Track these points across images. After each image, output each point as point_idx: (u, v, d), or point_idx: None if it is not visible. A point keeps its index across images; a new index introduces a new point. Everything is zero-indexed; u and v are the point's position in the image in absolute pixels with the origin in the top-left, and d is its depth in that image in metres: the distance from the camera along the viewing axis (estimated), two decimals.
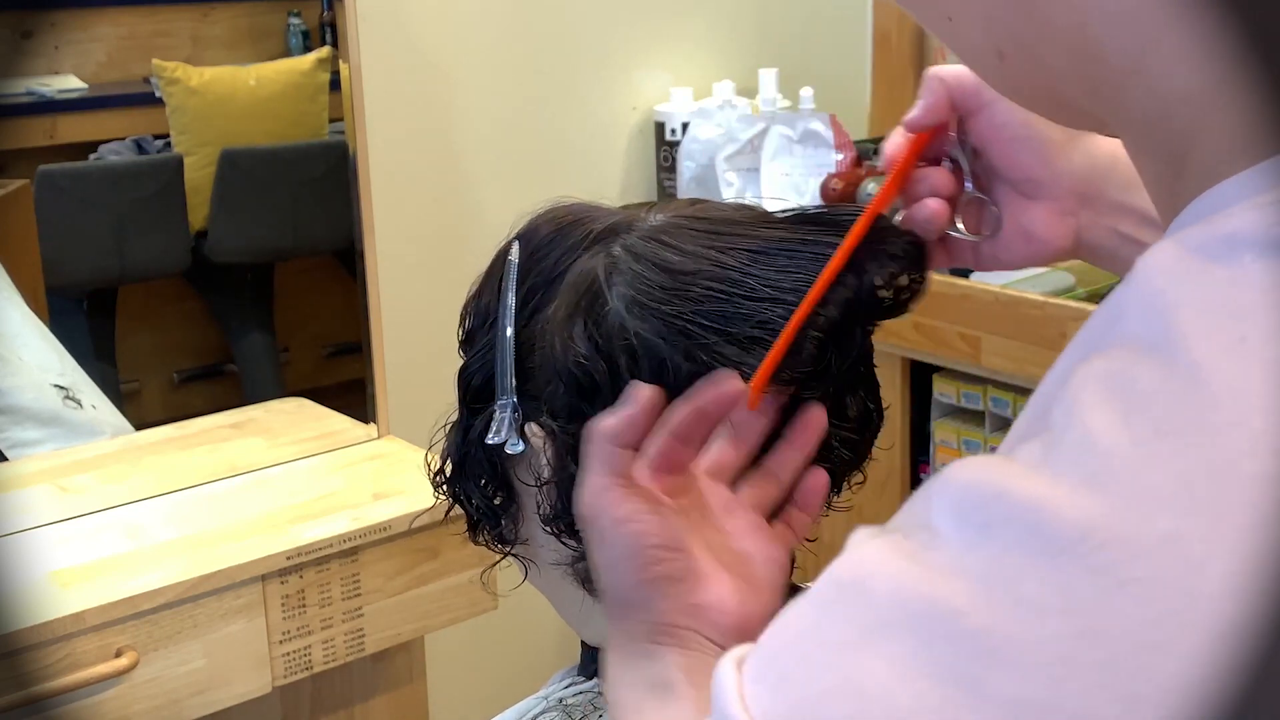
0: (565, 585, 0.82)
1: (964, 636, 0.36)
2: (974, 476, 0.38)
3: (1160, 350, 0.37)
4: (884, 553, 0.39)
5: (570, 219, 0.81)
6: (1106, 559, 0.35)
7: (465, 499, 0.84)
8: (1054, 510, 0.36)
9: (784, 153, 2.15)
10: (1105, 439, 0.37)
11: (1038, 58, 0.45)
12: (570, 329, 0.76)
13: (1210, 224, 0.39)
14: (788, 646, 0.40)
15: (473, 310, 0.84)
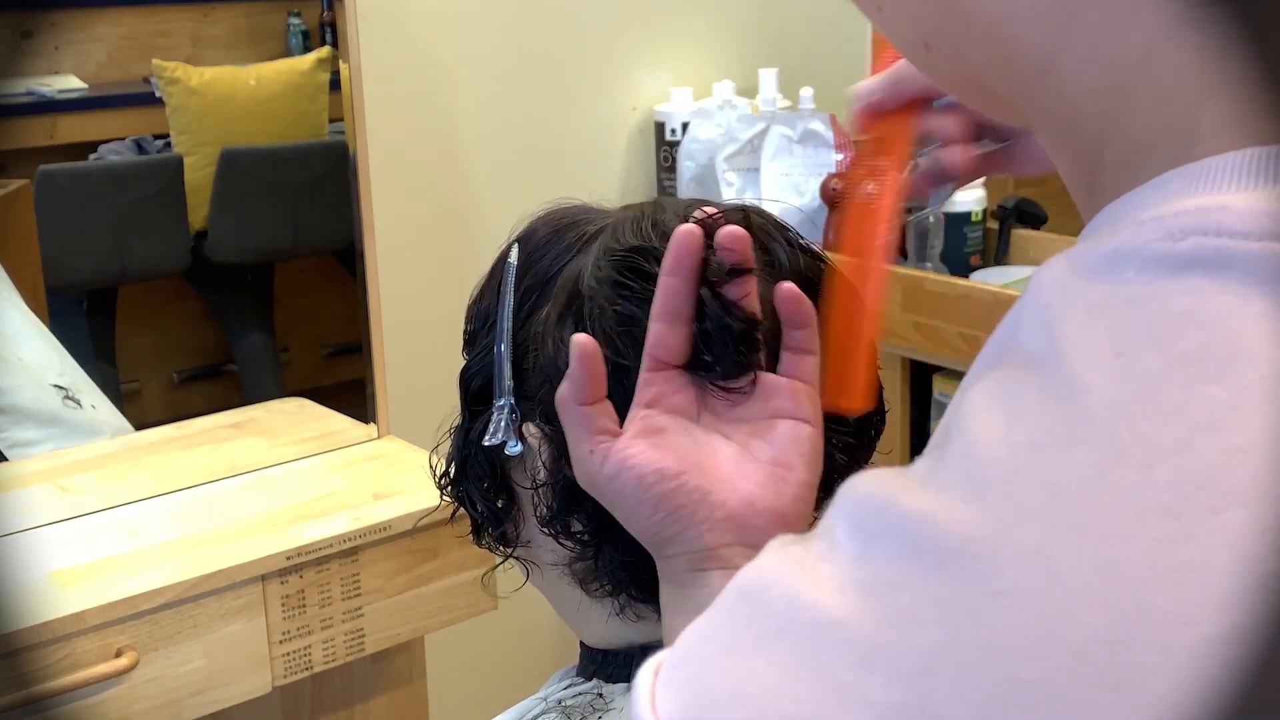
0: (563, 586, 0.82)
1: (844, 644, 0.37)
2: (867, 489, 0.39)
3: (1042, 364, 0.38)
4: (783, 563, 0.40)
5: (566, 221, 0.81)
6: (978, 570, 0.36)
7: (468, 501, 0.84)
8: (934, 522, 0.37)
9: (784, 153, 2.15)
10: (986, 451, 0.37)
11: (960, 51, 0.46)
12: (560, 330, 0.76)
13: (1098, 240, 0.40)
14: (693, 652, 0.41)
15: (474, 313, 0.84)
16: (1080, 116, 0.43)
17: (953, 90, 0.51)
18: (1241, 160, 0.38)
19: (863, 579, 0.37)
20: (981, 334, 1.94)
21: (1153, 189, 0.40)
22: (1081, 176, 0.44)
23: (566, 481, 0.76)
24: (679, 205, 0.80)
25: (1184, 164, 0.39)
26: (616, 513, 0.67)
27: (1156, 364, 0.36)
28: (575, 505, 0.77)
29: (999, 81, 0.46)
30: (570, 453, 0.69)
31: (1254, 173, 0.38)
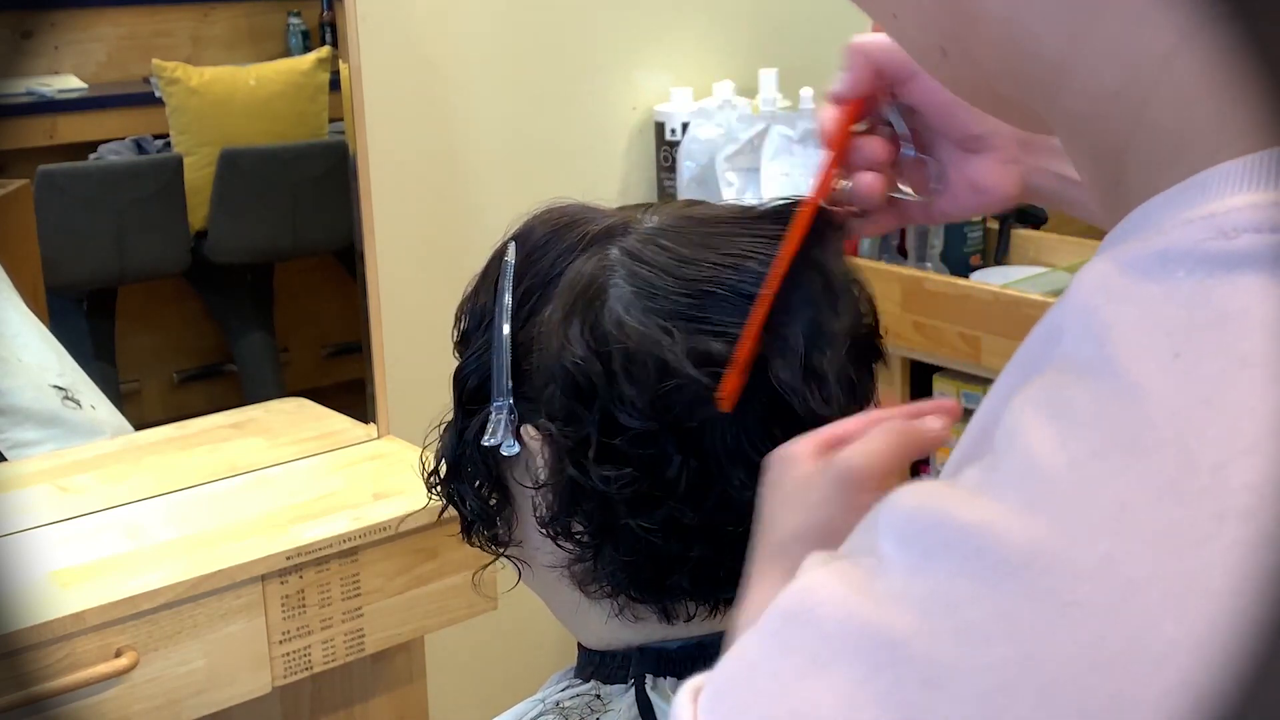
0: (562, 588, 0.82)
1: (908, 664, 0.36)
2: (917, 502, 0.38)
3: (1096, 370, 0.37)
4: (830, 581, 0.39)
5: (566, 221, 0.81)
6: (1048, 583, 0.35)
7: (459, 500, 0.84)
8: (995, 535, 0.36)
9: (784, 153, 2.15)
10: (1044, 461, 0.37)
11: (975, 56, 0.46)
12: (566, 331, 0.76)
13: (1144, 240, 0.39)
14: (738, 677, 0.40)
15: (468, 311, 0.84)
16: (1099, 118, 0.42)
17: (966, 96, 0.50)
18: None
19: (921, 595, 0.36)
20: (981, 334, 1.94)
21: (1193, 188, 0.39)
22: (1102, 177, 0.44)
23: (568, 482, 0.76)
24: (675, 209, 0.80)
25: (1221, 162, 0.38)
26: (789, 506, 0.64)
27: (1219, 366, 0.36)
28: (576, 506, 0.77)
29: (1014, 86, 0.45)
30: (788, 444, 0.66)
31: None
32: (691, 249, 0.76)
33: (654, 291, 0.75)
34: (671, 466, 0.74)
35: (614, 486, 0.74)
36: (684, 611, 0.80)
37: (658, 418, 0.73)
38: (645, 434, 0.74)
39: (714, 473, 0.74)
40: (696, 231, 0.77)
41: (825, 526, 0.60)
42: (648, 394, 0.73)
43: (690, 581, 0.77)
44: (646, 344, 0.74)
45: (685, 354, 0.73)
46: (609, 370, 0.74)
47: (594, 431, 0.74)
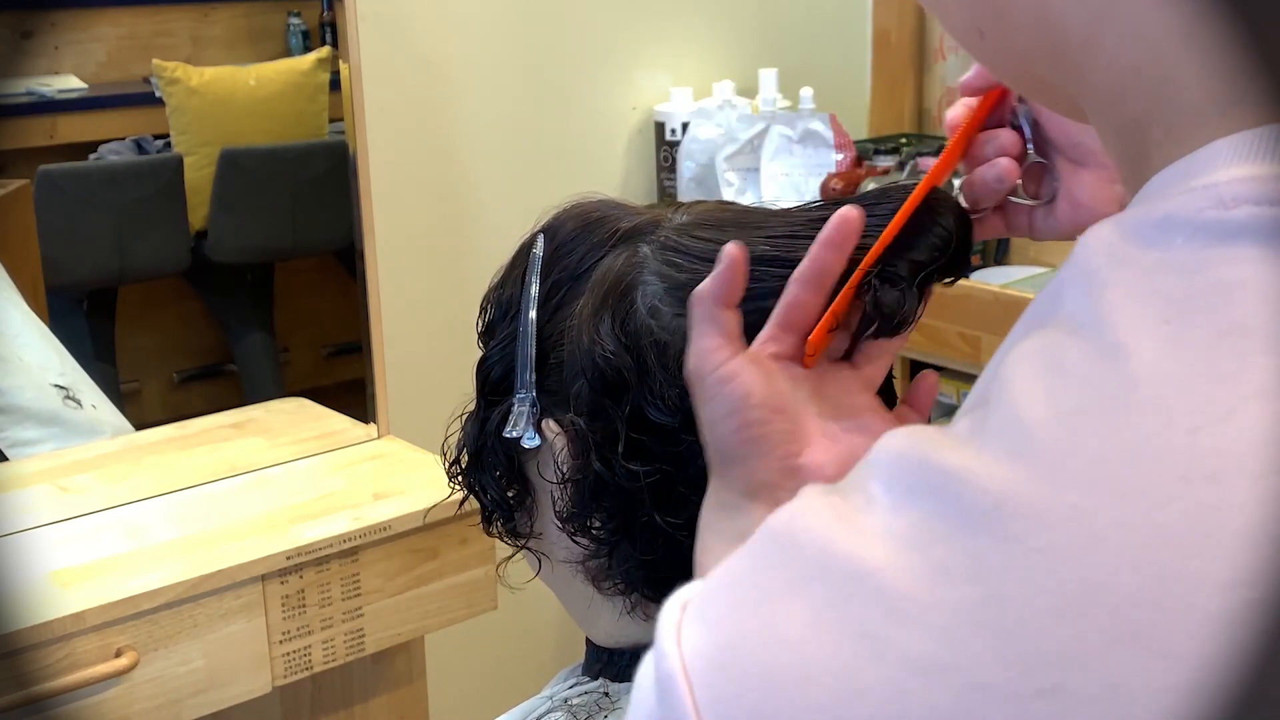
0: (576, 583, 0.82)
1: (875, 595, 0.37)
2: (906, 446, 0.40)
3: (1088, 330, 0.38)
4: (819, 511, 0.40)
5: (596, 216, 0.81)
6: (1016, 529, 0.36)
7: (480, 490, 0.84)
8: (973, 480, 0.37)
9: (784, 153, 2.15)
10: (1029, 414, 0.38)
11: (1010, 37, 0.47)
12: (597, 325, 0.76)
13: (1148, 206, 0.40)
14: (722, 590, 0.41)
15: (494, 301, 0.83)
16: (1124, 92, 0.43)
17: (1006, 78, 0.51)
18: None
19: (898, 532, 0.38)
20: (981, 334, 1.94)
21: (1202, 157, 0.40)
22: (1127, 151, 0.45)
23: (593, 477, 0.76)
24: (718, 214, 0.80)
25: (1233, 133, 0.39)
26: (702, 409, 0.66)
27: (1207, 333, 0.36)
28: (598, 502, 0.77)
29: (1046, 66, 0.46)
30: (691, 345, 0.66)
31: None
32: (729, 232, 0.76)
33: (689, 277, 0.75)
34: (698, 463, 0.74)
35: (641, 482, 0.74)
36: None
37: (689, 413, 0.73)
38: (674, 430, 0.74)
39: None
40: (733, 222, 0.78)
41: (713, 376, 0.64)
42: (678, 388, 0.73)
43: None
44: (679, 338, 0.74)
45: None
46: (641, 365, 0.74)
47: (623, 426, 0.74)
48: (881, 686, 0.36)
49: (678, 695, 0.39)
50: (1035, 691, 0.35)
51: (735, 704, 0.38)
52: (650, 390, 0.74)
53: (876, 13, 2.50)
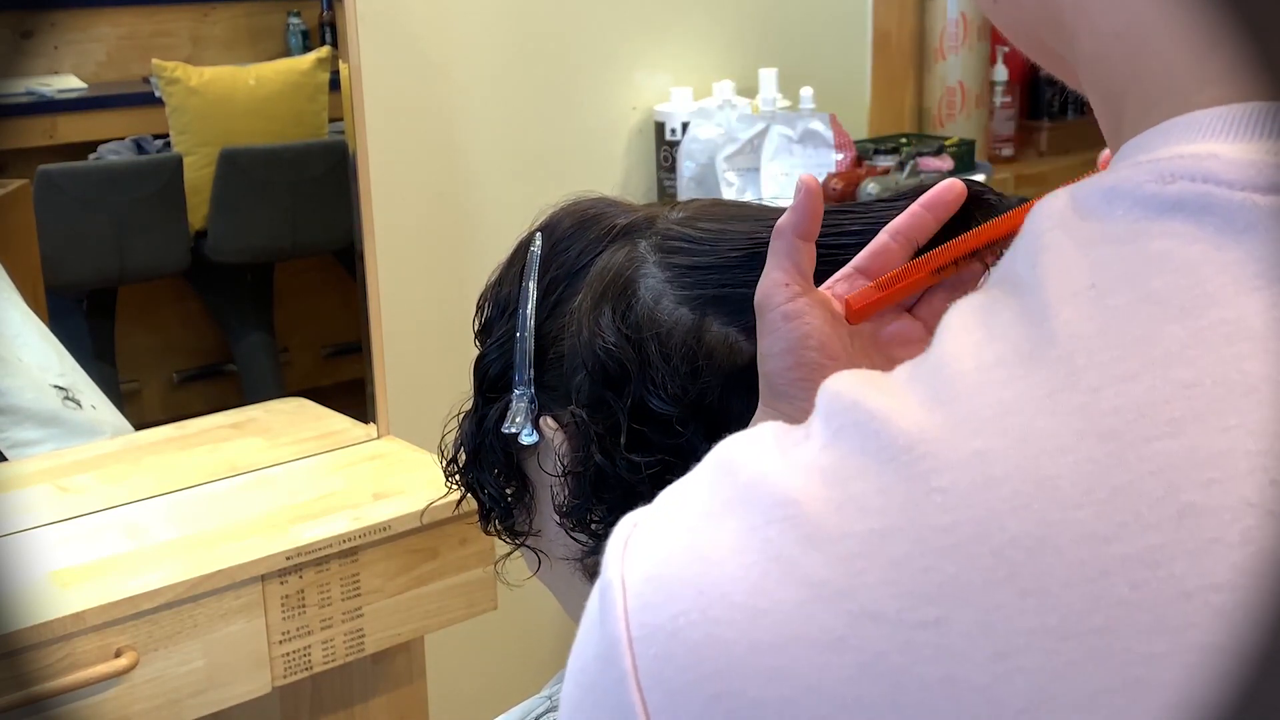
0: (574, 580, 0.82)
1: (793, 522, 0.39)
2: (843, 387, 0.42)
3: (1022, 289, 0.40)
4: (761, 442, 0.42)
5: (593, 213, 0.82)
6: (922, 469, 0.38)
7: (478, 488, 0.84)
8: (894, 422, 0.39)
9: (784, 152, 2.15)
10: (956, 365, 0.40)
11: (1018, 1, 0.48)
12: (598, 318, 0.76)
13: (1099, 177, 0.42)
14: (665, 511, 0.43)
15: (491, 299, 0.84)
16: (1105, 60, 0.44)
17: (1017, 41, 0.52)
18: (1240, 112, 0.40)
19: (823, 466, 0.40)
20: None
21: (1157, 133, 0.41)
22: (1109, 122, 0.46)
23: (594, 470, 0.76)
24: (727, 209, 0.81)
25: (1190, 111, 0.41)
26: (761, 342, 0.68)
27: (1125, 299, 0.38)
28: (599, 495, 0.77)
29: (1049, 31, 0.47)
30: (765, 274, 0.69)
31: (1249, 125, 0.39)
32: (721, 224, 0.78)
33: (692, 270, 0.76)
34: (699, 454, 0.74)
35: (644, 474, 0.75)
36: None
37: (690, 403, 0.74)
38: (675, 421, 0.74)
39: None
40: (734, 215, 0.79)
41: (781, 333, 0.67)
42: (680, 379, 0.74)
43: None
44: (681, 328, 0.74)
45: (718, 339, 0.74)
46: (642, 356, 0.75)
47: (624, 418, 0.75)
48: (784, 606, 0.38)
49: (612, 601, 0.41)
50: (920, 622, 0.36)
51: (657, 611, 0.40)
52: (652, 381, 0.75)
53: (876, 13, 2.50)
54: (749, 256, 0.75)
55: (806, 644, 0.37)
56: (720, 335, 0.75)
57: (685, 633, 0.39)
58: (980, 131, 2.58)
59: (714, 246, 0.77)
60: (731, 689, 0.38)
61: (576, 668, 0.43)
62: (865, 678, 0.37)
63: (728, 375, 0.75)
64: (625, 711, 0.40)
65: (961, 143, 2.28)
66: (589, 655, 0.42)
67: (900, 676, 0.36)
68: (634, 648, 0.40)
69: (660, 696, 0.39)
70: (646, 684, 0.40)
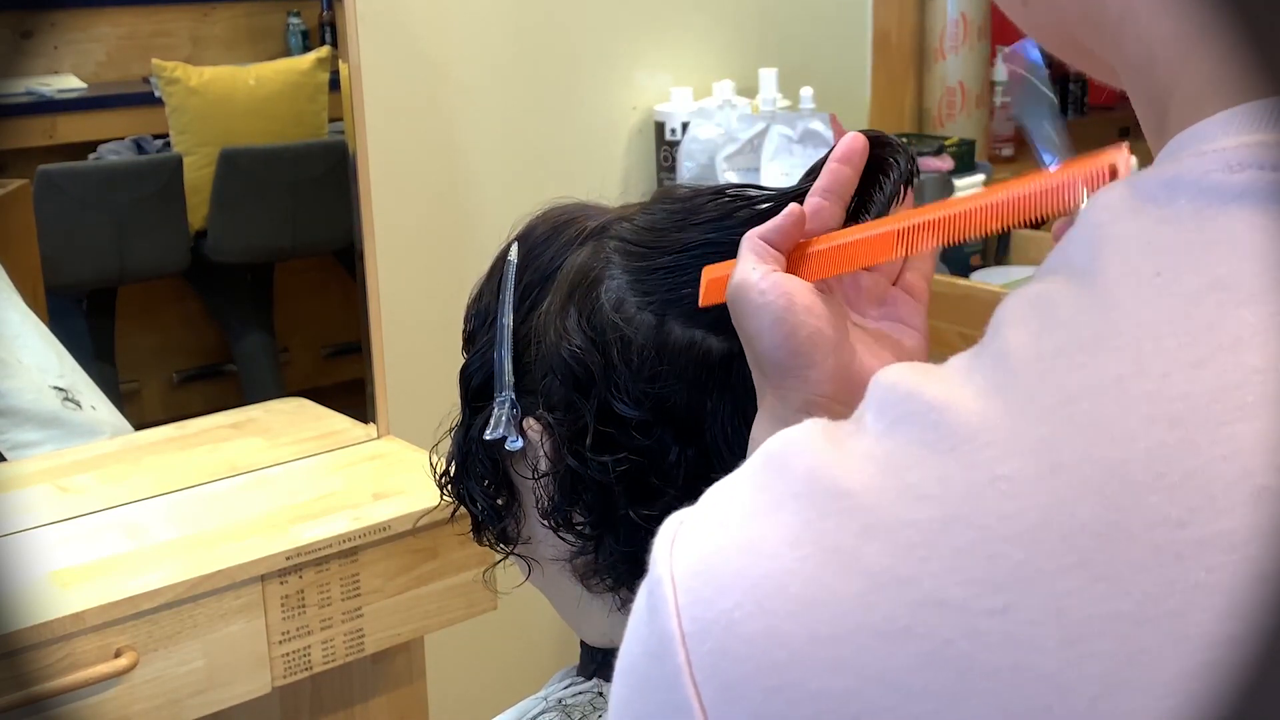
0: (564, 582, 0.82)
1: (851, 513, 0.39)
2: (897, 378, 0.42)
3: (1082, 277, 0.40)
4: (813, 435, 0.42)
5: (565, 218, 0.82)
6: (984, 456, 0.38)
7: (469, 499, 0.84)
8: (953, 410, 0.39)
9: (784, 152, 2.15)
10: (1016, 353, 0.40)
11: (1052, 3, 0.48)
12: (564, 321, 0.77)
13: (1159, 168, 0.42)
14: (715, 506, 0.43)
15: (473, 312, 0.85)
16: (1155, 61, 0.44)
17: (1047, 42, 0.52)
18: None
19: (879, 457, 0.40)
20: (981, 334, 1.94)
21: (1217, 123, 0.41)
22: (1153, 119, 0.46)
23: (568, 472, 0.76)
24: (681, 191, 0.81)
25: (1249, 101, 0.41)
26: (746, 327, 0.67)
27: (1193, 286, 0.38)
28: (576, 496, 0.77)
29: (1086, 31, 0.47)
30: (734, 274, 0.68)
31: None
32: (687, 227, 0.77)
33: (652, 272, 0.76)
34: (670, 455, 0.75)
35: (612, 476, 0.75)
36: None
37: (654, 407, 0.74)
38: (642, 423, 0.75)
39: (714, 463, 0.75)
40: (689, 210, 0.78)
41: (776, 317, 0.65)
42: (642, 383, 0.74)
43: None
44: (643, 331, 0.74)
45: (681, 341, 0.74)
46: (606, 359, 0.75)
47: (591, 420, 0.75)
48: (844, 596, 0.38)
49: (662, 597, 0.41)
50: (987, 610, 0.36)
51: (709, 605, 0.40)
52: (616, 384, 0.75)
53: (876, 13, 2.50)
54: (704, 257, 0.75)
55: (869, 634, 0.37)
56: (684, 336, 0.75)
57: (741, 626, 0.39)
58: (980, 131, 2.58)
59: (671, 247, 0.76)
60: (790, 681, 0.38)
61: (624, 666, 0.43)
62: (931, 666, 0.37)
63: (695, 376, 0.75)
64: (680, 707, 0.40)
65: (961, 143, 2.28)
66: (638, 653, 0.42)
67: (967, 664, 0.36)
68: (687, 643, 0.40)
69: (716, 690, 0.39)
70: (701, 678, 0.40)
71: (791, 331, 0.65)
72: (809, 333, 0.65)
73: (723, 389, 0.74)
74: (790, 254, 0.69)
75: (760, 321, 0.66)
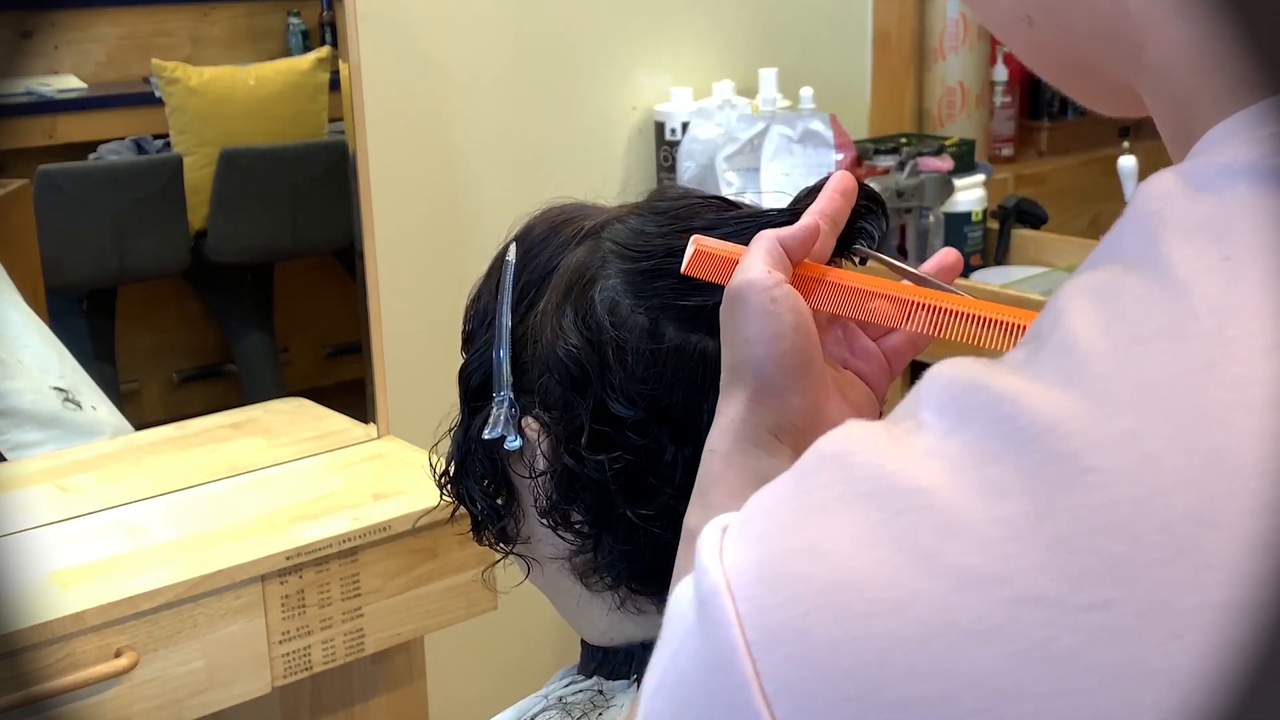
0: (564, 580, 0.83)
1: (926, 511, 0.38)
2: (958, 373, 0.41)
3: (1146, 266, 0.40)
4: (869, 433, 0.41)
5: (563, 218, 0.83)
6: (1069, 448, 0.37)
7: (469, 499, 0.84)
8: (1027, 404, 0.38)
9: (784, 152, 2.15)
10: (1085, 343, 0.39)
11: (1063, 21, 0.48)
12: (560, 320, 0.77)
13: (1208, 155, 0.41)
14: (767, 509, 0.42)
15: (472, 312, 0.85)
16: (1183, 68, 0.44)
17: (1045, 67, 0.52)
18: None
19: (949, 453, 0.39)
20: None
21: (1263, 111, 0.41)
22: (1179, 121, 0.46)
23: (566, 471, 0.77)
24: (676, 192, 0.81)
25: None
26: (741, 329, 0.64)
27: (1264, 268, 0.38)
28: (574, 495, 0.77)
29: (1098, 47, 0.47)
30: (741, 267, 0.66)
31: None
32: (678, 231, 0.77)
33: (644, 275, 0.76)
34: (666, 455, 0.75)
35: (609, 475, 0.75)
36: None
37: (649, 407, 0.74)
38: (638, 422, 0.75)
39: None
40: (681, 214, 0.78)
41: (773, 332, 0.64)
42: (637, 383, 0.74)
43: None
44: (637, 334, 0.75)
45: (675, 342, 0.74)
46: (601, 358, 0.75)
47: (587, 419, 0.75)
48: (929, 596, 0.37)
49: (719, 607, 0.39)
50: (1088, 604, 0.35)
51: (776, 612, 0.38)
52: (611, 384, 0.75)
53: (876, 13, 2.50)
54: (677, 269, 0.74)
55: (958, 634, 0.36)
56: (678, 338, 0.75)
57: (816, 631, 0.38)
58: (980, 131, 2.58)
59: (663, 257, 0.76)
60: (875, 686, 0.37)
61: (673, 681, 0.41)
62: (1028, 665, 0.36)
63: (690, 377, 0.75)
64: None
65: (961, 143, 2.28)
66: (689, 667, 0.41)
67: (1070, 661, 0.35)
68: (753, 652, 0.38)
69: (792, 700, 0.38)
70: (772, 689, 0.38)
71: (790, 350, 0.63)
72: (805, 359, 0.64)
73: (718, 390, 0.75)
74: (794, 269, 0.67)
75: (761, 329, 0.64)
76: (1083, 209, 2.61)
